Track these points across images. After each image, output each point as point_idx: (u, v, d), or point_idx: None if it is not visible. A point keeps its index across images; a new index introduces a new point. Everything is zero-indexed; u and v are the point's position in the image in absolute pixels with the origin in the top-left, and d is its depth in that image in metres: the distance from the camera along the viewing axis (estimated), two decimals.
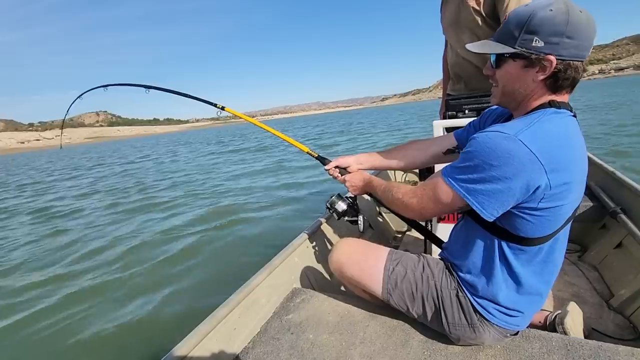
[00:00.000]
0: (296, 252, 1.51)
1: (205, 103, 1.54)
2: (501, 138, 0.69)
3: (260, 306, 1.24)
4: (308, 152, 1.45)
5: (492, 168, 0.69)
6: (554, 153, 0.68)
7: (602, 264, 1.65)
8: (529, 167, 0.67)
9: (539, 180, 0.68)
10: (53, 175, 14.77)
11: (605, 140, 6.81)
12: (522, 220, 0.75)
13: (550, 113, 0.73)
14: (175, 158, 16.23)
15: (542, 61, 0.70)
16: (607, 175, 1.96)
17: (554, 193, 0.70)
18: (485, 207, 0.73)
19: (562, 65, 0.70)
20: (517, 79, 0.75)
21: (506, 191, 0.70)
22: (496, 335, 0.90)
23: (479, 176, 0.72)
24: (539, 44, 0.69)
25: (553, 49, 0.69)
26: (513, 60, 0.74)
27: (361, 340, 1.04)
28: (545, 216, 0.74)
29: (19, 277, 3.37)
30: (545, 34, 0.68)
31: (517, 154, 0.67)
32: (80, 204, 6.89)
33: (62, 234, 4.80)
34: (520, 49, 0.72)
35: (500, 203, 0.72)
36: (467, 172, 0.74)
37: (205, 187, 7.19)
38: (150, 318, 2.42)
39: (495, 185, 0.70)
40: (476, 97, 1.70)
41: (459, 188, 0.75)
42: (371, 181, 1.13)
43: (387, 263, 1.03)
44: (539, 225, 0.75)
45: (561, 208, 0.74)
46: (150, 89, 1.58)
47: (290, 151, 11.41)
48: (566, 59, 0.69)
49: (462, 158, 0.76)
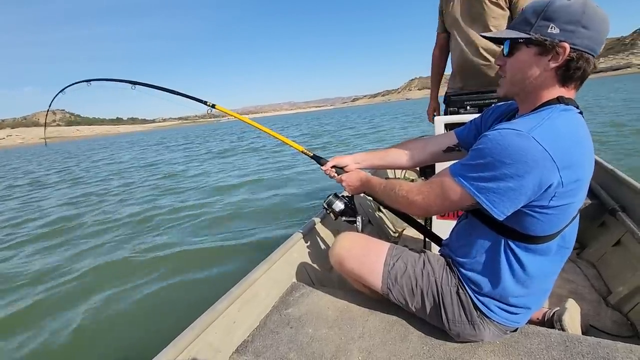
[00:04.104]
0: (295, 246, 1.51)
1: (195, 100, 1.49)
2: (514, 135, 0.68)
3: (260, 300, 1.24)
4: (303, 151, 1.41)
5: (505, 166, 0.68)
6: (566, 150, 0.68)
7: (600, 261, 1.66)
8: (541, 164, 0.66)
9: (552, 178, 0.67)
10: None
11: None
12: (532, 218, 0.74)
13: (560, 110, 0.73)
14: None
15: (556, 48, 0.70)
16: (606, 173, 1.96)
17: (565, 191, 0.70)
18: (496, 206, 0.72)
19: (575, 55, 0.70)
20: (529, 66, 0.75)
21: (518, 189, 0.69)
22: (496, 332, 0.90)
23: (491, 174, 0.70)
24: (554, 31, 0.69)
25: (568, 37, 0.69)
26: (526, 47, 0.74)
27: (360, 334, 1.04)
28: (554, 214, 0.73)
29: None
30: (562, 21, 0.68)
31: (531, 151, 0.66)
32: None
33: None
34: (535, 35, 0.71)
35: (512, 201, 0.71)
36: (478, 169, 0.72)
37: (198, 183, 7.19)
38: (150, 311, 2.43)
39: (508, 184, 0.69)
40: (478, 94, 1.70)
41: (469, 186, 0.74)
42: (369, 180, 1.12)
43: (387, 258, 1.03)
44: (547, 224, 0.75)
45: (570, 206, 0.73)
46: (137, 85, 1.50)
47: (277, 150, 11.34)
48: (579, 48, 0.69)
49: (473, 155, 0.74)
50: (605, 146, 5.95)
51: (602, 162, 2.08)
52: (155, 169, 10.48)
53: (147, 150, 21.08)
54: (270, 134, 1.48)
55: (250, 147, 13.85)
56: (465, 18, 1.76)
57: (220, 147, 16.43)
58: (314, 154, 1.38)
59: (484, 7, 1.67)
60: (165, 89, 1.50)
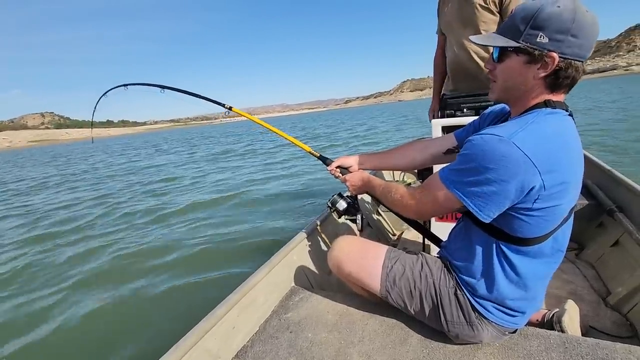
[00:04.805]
0: (294, 250, 1.51)
1: (215, 103, 1.61)
2: (495, 141, 0.69)
3: (259, 305, 1.24)
4: (310, 151, 1.45)
5: (488, 171, 0.70)
6: (548, 154, 0.69)
7: (599, 262, 1.66)
8: (523, 169, 0.67)
9: (533, 182, 0.68)
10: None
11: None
12: (519, 220, 0.76)
13: (546, 114, 0.74)
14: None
15: (544, 58, 0.70)
16: (604, 173, 1.97)
17: (549, 193, 0.71)
18: (481, 209, 0.74)
19: (564, 64, 0.70)
20: (518, 74, 0.75)
21: (502, 193, 0.71)
22: (494, 333, 0.91)
23: (475, 179, 0.72)
24: (543, 40, 0.69)
25: (557, 47, 0.69)
26: (516, 55, 0.74)
27: (360, 338, 1.04)
28: (541, 216, 0.74)
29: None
30: (551, 30, 0.68)
31: (511, 156, 0.67)
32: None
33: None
34: (525, 44, 0.71)
35: (496, 205, 0.73)
36: (464, 174, 0.75)
37: (202, 183, 7.18)
38: (149, 316, 2.42)
39: (491, 188, 0.71)
40: (474, 96, 1.71)
41: (456, 190, 0.76)
42: (370, 181, 1.15)
43: (385, 260, 1.03)
44: (535, 226, 0.76)
45: (557, 208, 0.74)
46: (166, 89, 1.65)
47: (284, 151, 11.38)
48: (568, 57, 0.69)
49: (459, 160, 0.77)
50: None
51: (599, 162, 2.09)
52: (155, 171, 10.47)
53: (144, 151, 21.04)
54: (282, 136, 1.53)
55: (249, 149, 13.90)
56: (457, 22, 1.78)
57: (214, 149, 16.44)
58: (320, 154, 1.42)
59: (474, 11, 1.68)
60: (189, 93, 1.64)
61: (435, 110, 2.15)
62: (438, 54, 2.08)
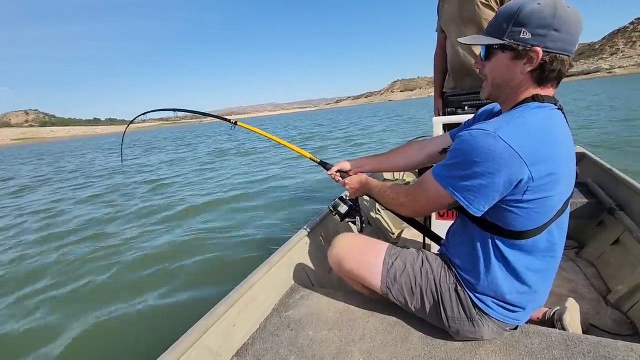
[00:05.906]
0: (295, 248, 1.50)
1: (221, 119, 1.66)
2: (482, 135, 0.71)
3: (260, 303, 1.24)
4: (310, 157, 1.46)
5: (475, 164, 0.71)
6: (534, 146, 0.70)
7: (599, 260, 1.66)
8: (509, 161, 0.69)
9: (521, 174, 0.70)
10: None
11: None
12: (511, 213, 0.77)
13: (533, 107, 0.76)
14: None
15: (529, 52, 0.73)
16: (604, 171, 1.97)
17: (537, 185, 0.72)
18: (471, 203, 0.76)
19: (549, 57, 0.72)
20: (505, 70, 0.78)
21: (490, 186, 0.72)
22: (495, 329, 0.91)
23: (464, 173, 0.74)
24: (526, 36, 0.72)
25: (540, 41, 0.71)
26: (502, 52, 0.77)
27: (361, 336, 1.04)
28: (532, 208, 0.75)
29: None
30: (533, 26, 0.71)
31: (497, 149, 0.69)
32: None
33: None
34: (508, 41, 0.74)
35: (486, 198, 0.74)
36: (453, 169, 0.77)
37: (198, 184, 7.17)
38: (149, 315, 2.41)
39: (480, 181, 0.72)
40: (475, 93, 1.70)
41: (447, 185, 0.78)
42: (368, 183, 1.18)
43: (386, 257, 1.04)
44: (527, 218, 0.77)
45: (548, 199, 0.75)
46: (178, 111, 1.72)
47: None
48: (552, 51, 0.72)
49: (449, 156, 0.78)
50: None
51: (599, 160, 2.09)
52: (150, 170, 10.45)
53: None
54: (287, 146, 1.53)
55: (242, 151, 13.85)
56: (458, 19, 1.77)
57: (210, 148, 16.44)
58: (320, 160, 1.44)
59: (475, 9, 1.68)
60: (199, 112, 1.78)
61: (439, 109, 2.14)
62: (438, 52, 2.07)
